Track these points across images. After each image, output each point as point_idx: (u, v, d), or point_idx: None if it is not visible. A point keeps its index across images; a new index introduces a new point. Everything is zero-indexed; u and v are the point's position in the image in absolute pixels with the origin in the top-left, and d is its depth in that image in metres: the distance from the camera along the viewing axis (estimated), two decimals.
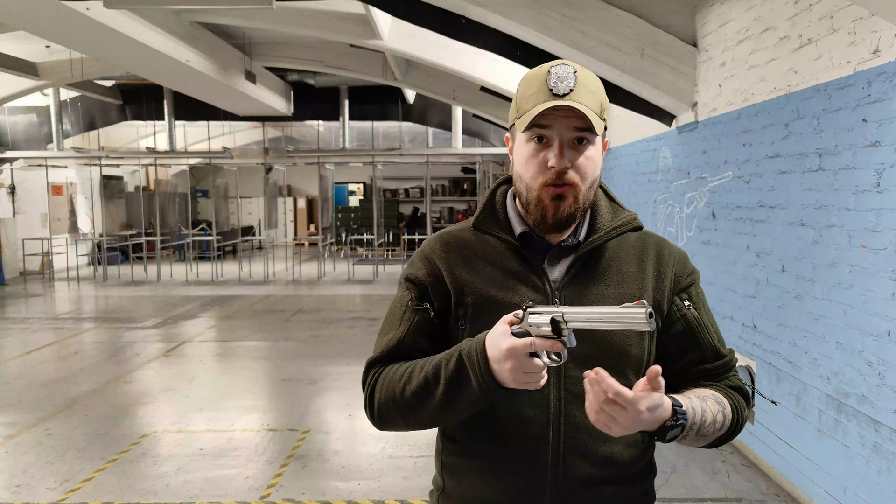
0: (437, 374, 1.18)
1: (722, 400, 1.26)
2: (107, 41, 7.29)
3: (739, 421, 1.27)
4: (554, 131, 1.18)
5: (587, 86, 1.19)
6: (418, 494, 3.75)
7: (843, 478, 3.17)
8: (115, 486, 3.84)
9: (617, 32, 4.68)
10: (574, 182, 1.20)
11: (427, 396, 1.19)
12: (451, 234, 1.34)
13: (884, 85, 2.81)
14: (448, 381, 1.16)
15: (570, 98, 1.16)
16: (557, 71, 1.18)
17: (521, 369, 1.07)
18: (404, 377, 1.23)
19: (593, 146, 1.21)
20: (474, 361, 1.13)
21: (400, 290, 1.34)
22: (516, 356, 1.06)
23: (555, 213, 1.21)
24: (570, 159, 1.19)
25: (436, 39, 7.20)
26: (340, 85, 13.40)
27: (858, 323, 3.01)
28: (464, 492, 1.30)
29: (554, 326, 1.04)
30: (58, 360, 6.79)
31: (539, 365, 1.07)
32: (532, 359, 1.07)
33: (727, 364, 1.31)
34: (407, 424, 1.27)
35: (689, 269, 1.34)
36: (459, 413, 1.20)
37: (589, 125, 1.17)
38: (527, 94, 1.20)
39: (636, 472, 1.29)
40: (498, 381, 1.11)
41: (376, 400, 1.28)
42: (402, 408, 1.23)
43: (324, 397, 5.59)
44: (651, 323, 0.97)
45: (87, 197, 15.58)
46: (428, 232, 13.75)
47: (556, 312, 1.05)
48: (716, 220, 4.60)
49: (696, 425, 1.18)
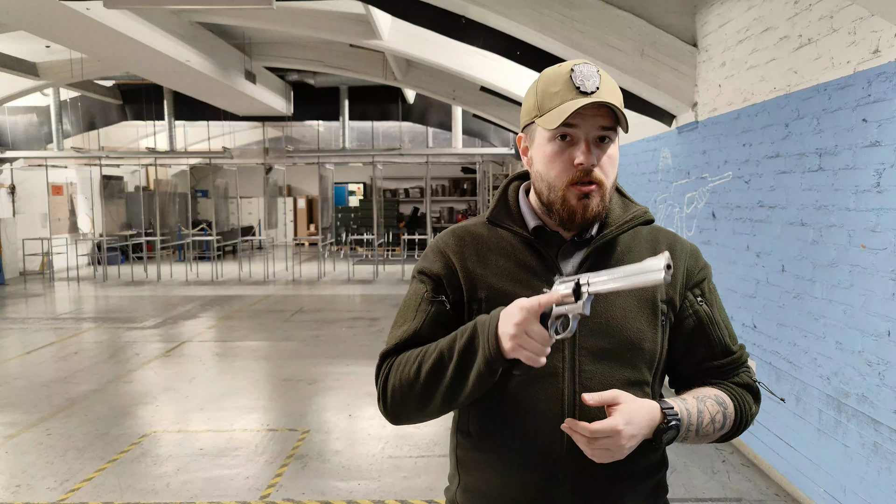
0: (452, 346, 1.17)
1: (724, 399, 1.26)
2: (107, 41, 7.29)
3: (743, 418, 1.28)
4: (580, 130, 1.18)
5: (609, 85, 1.19)
6: (418, 494, 3.75)
7: (842, 478, 3.17)
8: (115, 486, 3.84)
9: (617, 32, 4.68)
10: (600, 180, 1.20)
11: (441, 373, 1.18)
12: (464, 228, 1.34)
13: (884, 85, 2.81)
14: (460, 352, 1.15)
15: (599, 95, 1.16)
16: (582, 69, 1.18)
17: (524, 327, 1.05)
18: (419, 357, 1.21)
19: (614, 145, 1.22)
20: (486, 329, 1.13)
21: (414, 283, 1.33)
22: (525, 312, 1.05)
23: (583, 214, 1.21)
24: (596, 157, 1.19)
25: (436, 39, 7.20)
26: (340, 85, 13.40)
27: (858, 323, 3.01)
28: (480, 486, 1.30)
29: (575, 288, 1.05)
30: (58, 360, 6.79)
31: (542, 334, 1.06)
32: (538, 324, 1.06)
33: (736, 361, 1.31)
34: (420, 410, 1.24)
35: (702, 264, 1.34)
36: (469, 391, 1.17)
37: (613, 124, 1.18)
38: (550, 92, 1.19)
39: (649, 465, 1.29)
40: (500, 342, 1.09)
41: (390, 386, 1.24)
42: (415, 389, 1.21)
43: (324, 397, 5.59)
44: (667, 274, 0.97)
45: (87, 197, 15.58)
46: (428, 232, 13.76)
47: (581, 277, 1.07)
48: (716, 220, 4.60)
49: (694, 426, 1.20)
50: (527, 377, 1.17)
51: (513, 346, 1.07)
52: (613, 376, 1.23)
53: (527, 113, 1.25)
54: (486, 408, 1.27)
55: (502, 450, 1.26)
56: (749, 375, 1.32)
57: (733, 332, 1.34)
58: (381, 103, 13.75)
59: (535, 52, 5.14)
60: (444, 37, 5.98)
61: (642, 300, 1.26)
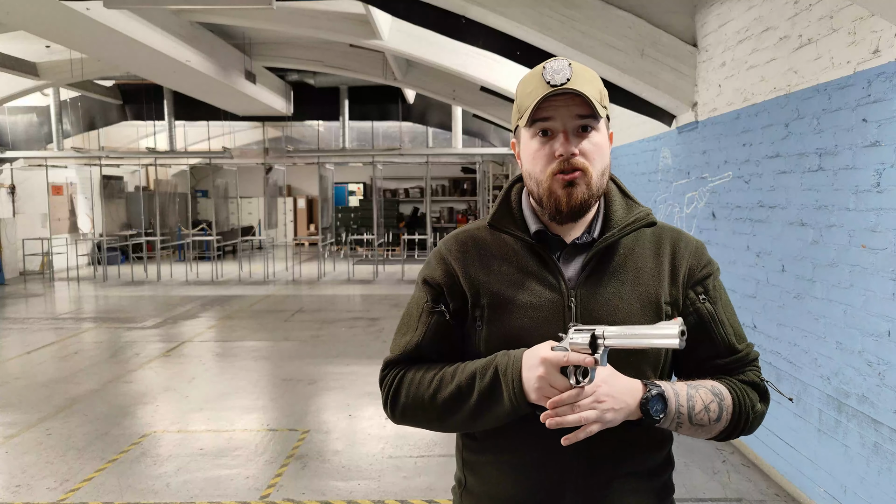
0: (472, 385, 1.21)
1: (720, 391, 1.24)
2: (107, 41, 7.29)
3: (743, 414, 1.24)
4: (557, 122, 1.19)
5: (583, 76, 1.20)
6: (418, 494, 3.75)
7: (843, 478, 3.17)
8: (115, 486, 3.84)
9: (617, 32, 4.68)
10: (583, 167, 1.20)
11: (458, 406, 1.22)
12: (467, 233, 1.35)
13: (884, 85, 2.81)
14: (480, 394, 1.20)
15: (567, 86, 1.17)
16: (552, 65, 1.19)
17: (548, 380, 1.11)
18: (433, 384, 1.25)
19: (598, 132, 1.22)
20: (509, 377, 1.17)
21: (417, 290, 1.35)
22: (548, 365, 1.11)
23: (568, 202, 1.21)
24: (575, 146, 1.20)
25: (436, 39, 7.21)
26: (340, 85, 13.40)
27: (858, 323, 3.01)
28: (485, 488, 1.31)
29: (591, 341, 1.10)
30: (58, 360, 6.79)
31: (565, 384, 1.11)
32: (561, 375, 1.11)
33: (742, 359, 1.29)
34: (430, 427, 1.32)
35: (705, 262, 1.33)
36: (488, 424, 1.24)
37: (590, 111, 1.18)
38: (525, 93, 1.21)
39: (655, 465, 1.30)
40: (524, 390, 1.14)
41: (400, 403, 1.29)
42: (429, 413, 1.26)
43: (324, 397, 5.59)
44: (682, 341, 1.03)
45: (87, 197, 15.58)
46: (428, 232, 13.76)
47: (597, 330, 1.11)
48: (716, 220, 4.60)
49: (685, 409, 1.19)
50: None
51: (538, 397, 1.13)
52: None
53: (513, 117, 1.28)
54: None
55: (508, 452, 1.27)
56: (756, 374, 1.30)
57: (741, 330, 1.33)
58: (381, 103, 13.75)
59: (535, 52, 5.14)
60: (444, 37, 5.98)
61: (646, 302, 1.26)
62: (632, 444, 1.25)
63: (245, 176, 18.23)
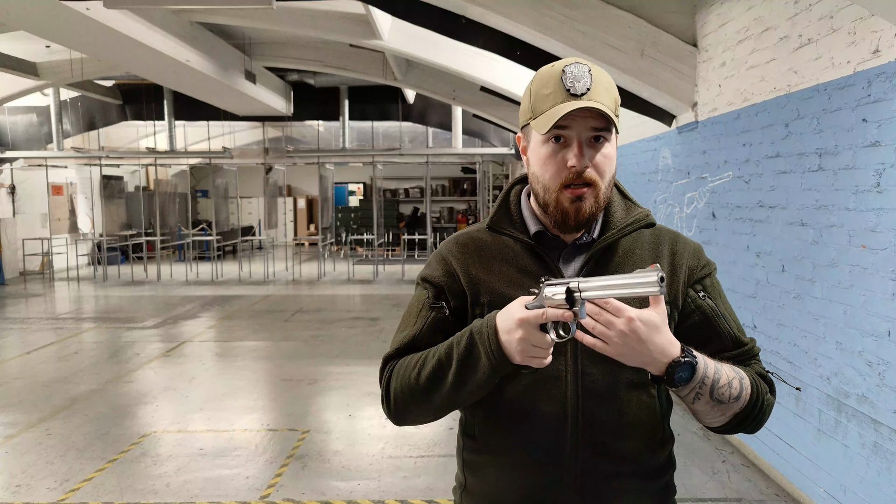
0: (450, 354, 1.19)
1: (741, 372, 1.23)
2: (107, 41, 7.29)
3: (759, 399, 1.23)
4: (573, 131, 1.18)
5: (602, 83, 1.19)
6: (418, 494, 3.75)
7: (842, 478, 3.17)
8: (115, 486, 3.84)
9: (617, 32, 4.68)
10: (594, 180, 1.20)
11: (440, 379, 1.20)
12: (467, 234, 1.36)
13: (884, 85, 2.81)
14: (459, 361, 1.18)
15: (588, 97, 1.16)
16: (573, 70, 1.17)
17: (530, 341, 1.09)
18: (418, 364, 1.24)
19: (609, 143, 1.22)
20: (484, 337, 1.15)
21: (417, 289, 1.36)
22: (526, 325, 1.08)
23: (576, 217, 1.21)
24: (588, 158, 1.19)
25: (436, 39, 7.19)
26: (340, 85, 13.39)
27: (858, 323, 3.01)
28: (485, 488, 1.31)
29: (568, 296, 1.06)
30: (58, 360, 6.79)
31: (547, 340, 1.09)
32: (541, 332, 1.09)
33: (749, 352, 1.30)
34: (423, 412, 1.27)
35: (704, 262, 1.34)
36: (473, 393, 1.20)
37: (606, 124, 1.18)
38: (542, 94, 1.19)
39: (656, 466, 1.29)
40: (506, 353, 1.12)
41: (392, 390, 1.28)
42: (416, 394, 1.24)
43: (324, 397, 5.59)
44: (662, 288, 1.00)
45: (87, 197, 15.59)
46: (428, 232, 13.76)
47: (572, 283, 1.07)
48: (716, 220, 4.60)
49: (710, 379, 1.15)
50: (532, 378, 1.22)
51: (522, 358, 1.11)
52: (616, 379, 1.24)
53: (523, 114, 1.26)
54: (490, 411, 1.28)
55: (507, 452, 1.27)
56: (763, 367, 1.32)
57: (741, 325, 1.34)
58: (381, 103, 13.74)
59: (535, 52, 5.14)
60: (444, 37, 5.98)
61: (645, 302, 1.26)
62: (632, 444, 1.25)
63: (245, 176, 18.23)
